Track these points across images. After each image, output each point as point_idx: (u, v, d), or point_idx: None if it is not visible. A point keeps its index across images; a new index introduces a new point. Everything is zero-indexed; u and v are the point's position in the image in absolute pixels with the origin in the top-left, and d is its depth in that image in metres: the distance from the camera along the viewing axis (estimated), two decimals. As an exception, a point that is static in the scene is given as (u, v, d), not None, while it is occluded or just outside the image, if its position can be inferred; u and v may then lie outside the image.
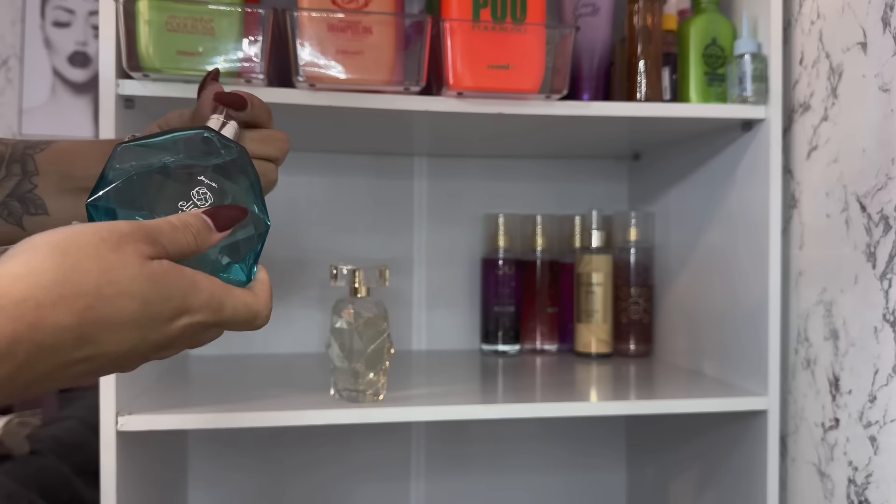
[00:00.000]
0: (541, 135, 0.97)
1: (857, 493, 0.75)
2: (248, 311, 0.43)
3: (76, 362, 0.36)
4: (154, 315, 0.38)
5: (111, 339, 0.37)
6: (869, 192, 0.73)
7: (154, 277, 0.38)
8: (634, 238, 1.07)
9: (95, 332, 0.36)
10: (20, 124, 1.70)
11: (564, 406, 0.80)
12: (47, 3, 1.71)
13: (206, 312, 0.40)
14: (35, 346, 0.34)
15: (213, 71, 0.55)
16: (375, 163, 1.13)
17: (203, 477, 1.09)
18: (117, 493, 0.72)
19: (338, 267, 0.79)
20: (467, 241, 1.16)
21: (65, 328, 0.35)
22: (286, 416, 0.74)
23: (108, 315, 0.36)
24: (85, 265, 0.36)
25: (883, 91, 0.72)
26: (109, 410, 0.72)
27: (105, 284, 0.36)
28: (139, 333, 0.38)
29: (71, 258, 0.35)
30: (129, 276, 0.37)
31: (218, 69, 0.55)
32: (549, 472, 1.19)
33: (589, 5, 0.89)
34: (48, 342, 0.34)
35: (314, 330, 1.12)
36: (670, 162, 1.07)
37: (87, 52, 1.72)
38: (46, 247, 0.35)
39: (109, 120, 0.72)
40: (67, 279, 0.35)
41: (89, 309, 0.35)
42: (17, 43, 1.70)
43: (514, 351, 1.08)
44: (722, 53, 0.87)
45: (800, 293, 0.84)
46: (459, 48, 0.76)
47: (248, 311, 0.43)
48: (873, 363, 0.72)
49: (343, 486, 1.13)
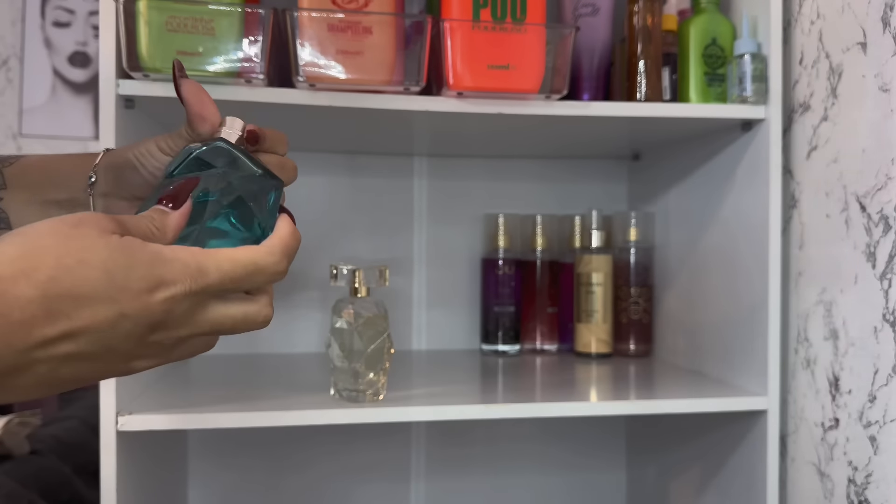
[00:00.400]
0: (541, 135, 0.97)
1: (857, 493, 0.75)
2: (243, 267, 0.41)
3: (56, 340, 0.36)
4: (120, 285, 0.37)
5: (82, 313, 0.36)
6: (869, 192, 0.73)
7: (113, 246, 0.37)
8: (634, 238, 1.07)
9: (64, 306, 0.35)
10: (20, 124, 1.70)
11: (564, 406, 0.80)
12: (47, 3, 1.71)
13: (185, 280, 0.38)
14: (3, 320, 0.34)
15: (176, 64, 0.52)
16: (375, 163, 1.13)
17: (203, 477, 1.09)
18: (117, 493, 0.72)
19: (338, 267, 0.79)
20: (467, 241, 1.16)
21: (29, 300, 0.34)
22: (286, 416, 0.74)
23: (72, 286, 0.35)
24: (45, 241, 0.36)
25: (883, 91, 0.72)
26: (109, 410, 0.72)
27: (64, 255, 0.36)
28: (113, 307, 0.36)
29: (31, 237, 0.36)
30: (87, 245, 0.36)
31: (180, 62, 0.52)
32: (548, 473, 1.19)
33: (589, 5, 0.89)
34: (15, 316, 0.34)
35: (314, 330, 1.12)
36: (670, 162, 1.07)
37: (87, 52, 1.72)
38: (10, 234, 0.36)
39: (109, 120, 0.72)
40: (27, 254, 0.35)
41: (51, 280, 0.35)
42: (17, 43, 1.70)
43: (514, 351, 1.08)
44: (722, 53, 0.87)
45: (799, 293, 0.84)
46: (459, 48, 0.76)
47: (240, 266, 0.41)
48: (873, 363, 0.72)
49: (343, 486, 1.13)
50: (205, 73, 0.72)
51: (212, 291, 0.40)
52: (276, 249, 0.43)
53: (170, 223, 0.42)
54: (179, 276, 0.38)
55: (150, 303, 0.38)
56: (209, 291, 0.40)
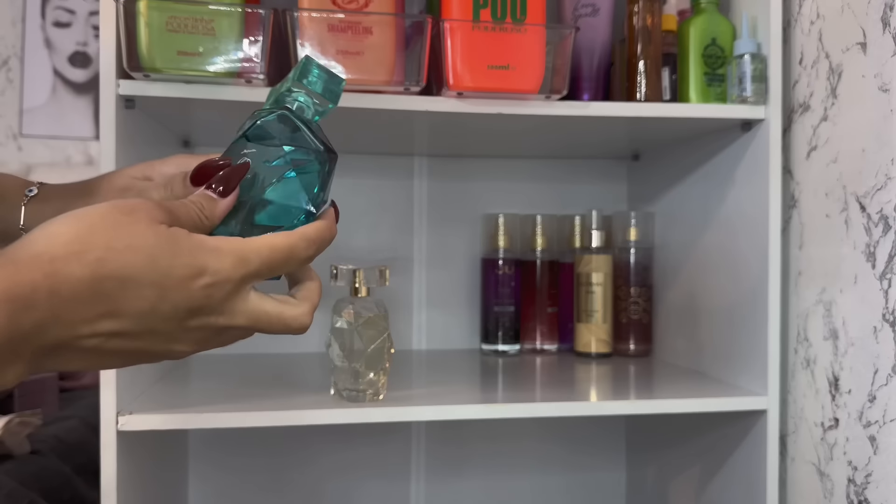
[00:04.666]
0: (541, 135, 0.97)
1: (857, 493, 0.75)
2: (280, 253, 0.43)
3: (101, 318, 0.38)
4: (164, 271, 0.39)
5: (126, 295, 0.38)
6: (868, 192, 0.73)
7: (160, 234, 0.39)
8: (634, 238, 1.07)
9: (110, 288, 0.37)
10: (20, 124, 1.70)
11: (564, 406, 0.80)
12: (48, 3, 1.71)
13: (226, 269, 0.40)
14: (55, 297, 0.36)
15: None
16: (375, 163, 1.13)
17: (203, 477, 1.09)
18: (117, 493, 0.72)
19: (338, 267, 0.79)
20: (467, 241, 1.16)
21: (79, 280, 0.36)
22: (286, 416, 0.74)
23: (119, 269, 0.38)
24: (97, 226, 0.38)
25: (882, 91, 0.72)
26: (110, 410, 0.72)
27: (114, 238, 0.38)
28: (155, 291, 0.39)
29: (84, 221, 0.38)
30: (136, 231, 0.39)
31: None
32: (548, 472, 1.19)
33: (589, 5, 0.89)
34: (65, 293, 0.36)
35: (314, 330, 1.12)
36: (670, 162, 1.07)
37: (87, 52, 1.73)
38: (64, 216, 0.38)
39: (109, 120, 0.72)
40: (80, 237, 0.37)
41: (100, 262, 0.37)
42: (17, 43, 1.71)
43: (514, 351, 1.08)
44: (721, 53, 0.87)
45: (799, 293, 0.84)
46: (459, 48, 0.76)
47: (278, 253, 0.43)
48: (873, 363, 0.73)
49: (343, 486, 1.13)
50: (205, 73, 0.72)
51: (250, 279, 0.42)
52: (311, 237, 0.45)
53: (217, 212, 0.44)
54: (221, 264, 0.40)
55: (192, 288, 0.40)
56: (248, 279, 0.42)
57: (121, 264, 0.38)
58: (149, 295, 0.38)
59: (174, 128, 0.94)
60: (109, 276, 0.37)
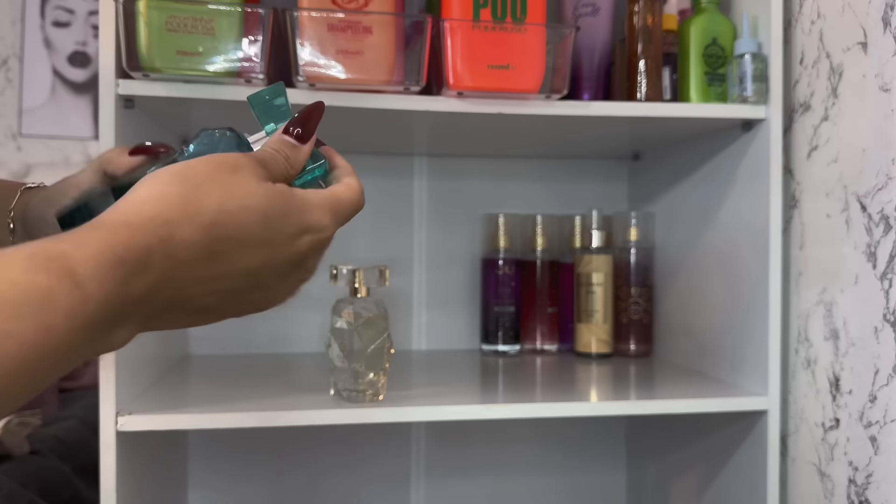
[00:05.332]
0: (541, 135, 0.97)
1: (858, 494, 0.75)
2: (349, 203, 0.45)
3: (212, 280, 0.38)
4: (275, 228, 0.40)
5: (240, 255, 0.39)
6: (869, 192, 0.73)
7: (270, 194, 0.40)
8: (634, 238, 1.07)
9: (224, 249, 0.38)
10: (20, 124, 1.70)
11: (565, 406, 0.80)
12: (47, 3, 1.71)
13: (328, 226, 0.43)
14: (169, 260, 0.36)
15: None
16: (375, 163, 1.13)
17: (203, 477, 1.09)
18: (117, 493, 0.72)
19: (338, 267, 0.79)
20: (467, 241, 1.16)
21: (193, 242, 0.37)
22: (286, 416, 0.74)
23: (234, 231, 0.38)
24: (207, 186, 0.38)
25: (883, 91, 0.71)
26: (109, 410, 0.71)
27: (227, 200, 0.38)
28: (266, 249, 0.39)
29: (192, 181, 0.38)
30: (248, 192, 0.39)
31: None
32: (548, 473, 1.18)
33: (589, 5, 0.89)
34: (181, 256, 0.36)
35: (314, 330, 1.12)
36: (670, 162, 1.07)
37: (86, 52, 1.72)
38: (168, 174, 0.38)
39: (109, 120, 0.72)
40: (192, 198, 0.37)
41: (215, 225, 0.37)
42: (17, 43, 1.70)
43: (514, 351, 1.08)
44: (722, 53, 0.87)
45: (800, 293, 0.84)
46: (459, 48, 0.76)
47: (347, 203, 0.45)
48: (873, 363, 0.72)
49: (343, 486, 1.13)
50: (204, 72, 0.72)
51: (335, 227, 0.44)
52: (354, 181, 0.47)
53: (301, 158, 0.45)
54: (322, 220, 0.42)
55: (298, 245, 0.41)
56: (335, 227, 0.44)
57: (235, 226, 0.38)
58: (260, 254, 0.39)
59: (173, 128, 0.94)
60: (225, 238, 0.38)
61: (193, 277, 0.37)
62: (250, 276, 0.40)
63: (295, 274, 0.42)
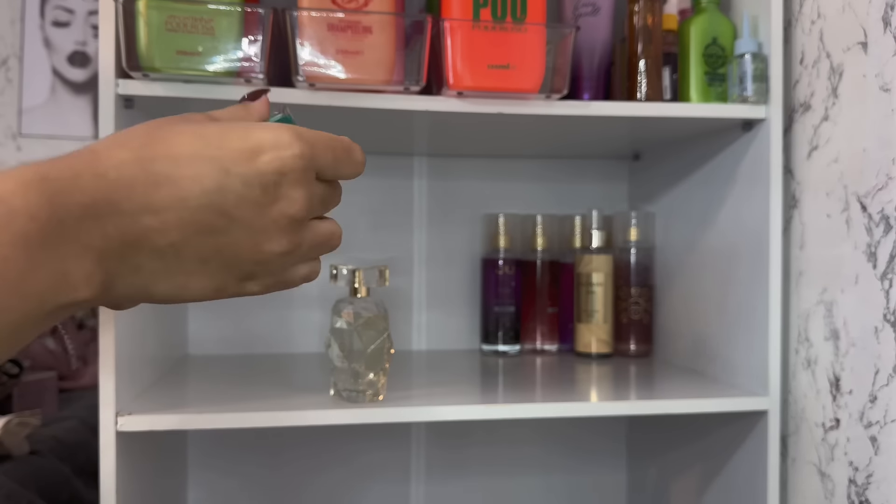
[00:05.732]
0: (541, 135, 0.97)
1: (858, 494, 0.74)
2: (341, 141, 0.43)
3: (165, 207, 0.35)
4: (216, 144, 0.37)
5: (182, 172, 0.36)
6: (869, 191, 0.73)
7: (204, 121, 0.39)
8: (634, 238, 1.07)
9: (163, 169, 0.35)
10: (20, 124, 1.70)
11: (565, 406, 0.79)
12: (47, 2, 1.71)
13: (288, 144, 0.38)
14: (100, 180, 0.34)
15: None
16: (375, 163, 1.13)
17: (203, 477, 1.09)
18: (117, 493, 0.72)
19: (338, 267, 0.79)
20: (467, 241, 1.16)
21: (123, 161, 0.35)
22: (286, 416, 0.74)
23: (167, 148, 0.36)
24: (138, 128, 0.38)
25: (883, 91, 0.71)
26: (109, 410, 0.71)
27: (155, 129, 0.37)
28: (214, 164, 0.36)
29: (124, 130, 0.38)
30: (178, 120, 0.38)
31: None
32: (549, 474, 1.18)
33: (589, 5, 0.89)
34: (112, 174, 0.35)
35: (314, 330, 1.12)
36: (670, 162, 1.07)
37: (86, 52, 1.72)
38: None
39: (109, 120, 0.72)
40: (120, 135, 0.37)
41: (144, 146, 0.36)
42: (16, 43, 1.70)
43: (514, 351, 1.08)
44: (722, 53, 0.87)
45: (800, 293, 0.84)
46: (459, 48, 0.76)
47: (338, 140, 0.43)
48: (874, 363, 0.72)
49: (343, 486, 1.13)
50: (204, 72, 0.72)
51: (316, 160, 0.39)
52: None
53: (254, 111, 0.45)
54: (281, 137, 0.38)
55: (258, 163, 0.37)
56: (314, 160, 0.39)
57: (168, 144, 0.36)
58: (208, 170, 0.36)
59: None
60: (158, 155, 0.35)
61: (139, 202, 0.35)
62: (211, 203, 0.36)
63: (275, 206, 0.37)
